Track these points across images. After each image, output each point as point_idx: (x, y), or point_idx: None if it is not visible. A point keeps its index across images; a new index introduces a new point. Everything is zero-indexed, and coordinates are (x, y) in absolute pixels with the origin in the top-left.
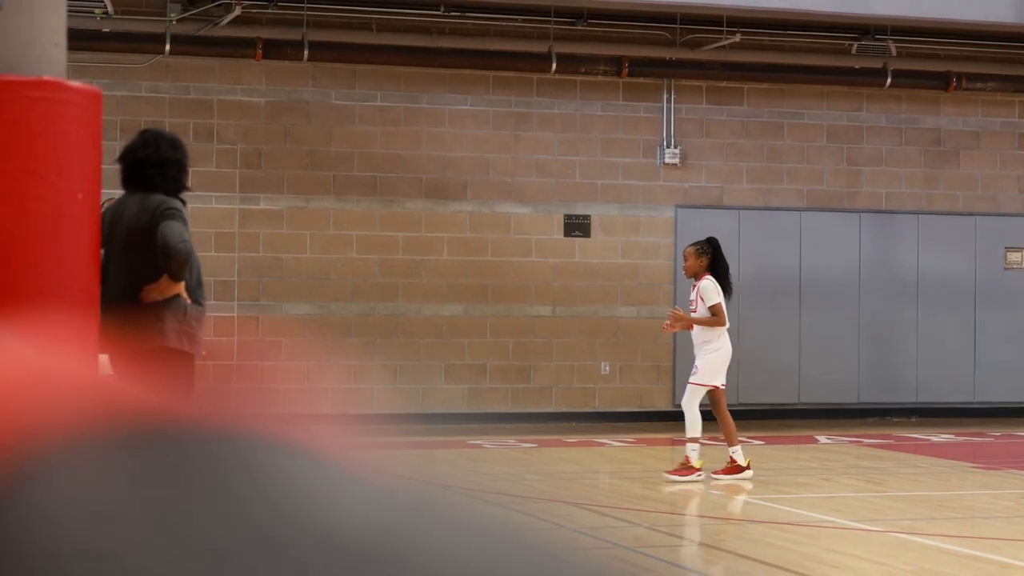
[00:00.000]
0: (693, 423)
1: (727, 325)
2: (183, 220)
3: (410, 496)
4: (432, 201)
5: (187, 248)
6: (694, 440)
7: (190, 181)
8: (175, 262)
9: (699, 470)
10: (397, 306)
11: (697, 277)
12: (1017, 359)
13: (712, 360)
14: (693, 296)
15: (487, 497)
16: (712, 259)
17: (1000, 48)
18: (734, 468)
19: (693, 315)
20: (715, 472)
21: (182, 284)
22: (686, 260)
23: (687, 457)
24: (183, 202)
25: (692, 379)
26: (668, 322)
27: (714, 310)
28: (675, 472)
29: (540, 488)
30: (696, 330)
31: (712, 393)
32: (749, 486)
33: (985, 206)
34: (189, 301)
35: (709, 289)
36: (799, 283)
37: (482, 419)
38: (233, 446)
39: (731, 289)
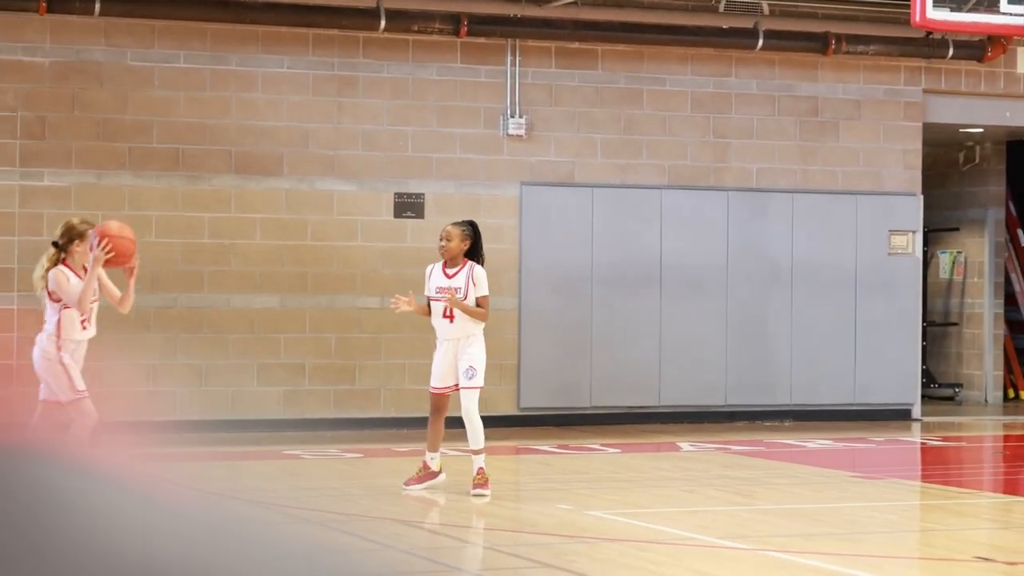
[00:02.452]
0: (479, 432)
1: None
2: None
3: (207, 518)
4: (243, 177)
5: None
6: (482, 451)
7: None
8: None
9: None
10: (203, 297)
11: (455, 261)
12: (902, 355)
13: (482, 359)
14: (455, 284)
15: (305, 515)
16: (473, 245)
17: (883, 7)
18: (430, 475)
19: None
20: (407, 482)
21: None
22: (450, 240)
23: (481, 468)
24: None
25: (471, 383)
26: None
27: (486, 302)
28: (479, 486)
29: (366, 504)
30: (460, 322)
31: (445, 396)
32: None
33: (867, 184)
34: None
35: (483, 277)
36: (660, 270)
37: (300, 426)
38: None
39: None
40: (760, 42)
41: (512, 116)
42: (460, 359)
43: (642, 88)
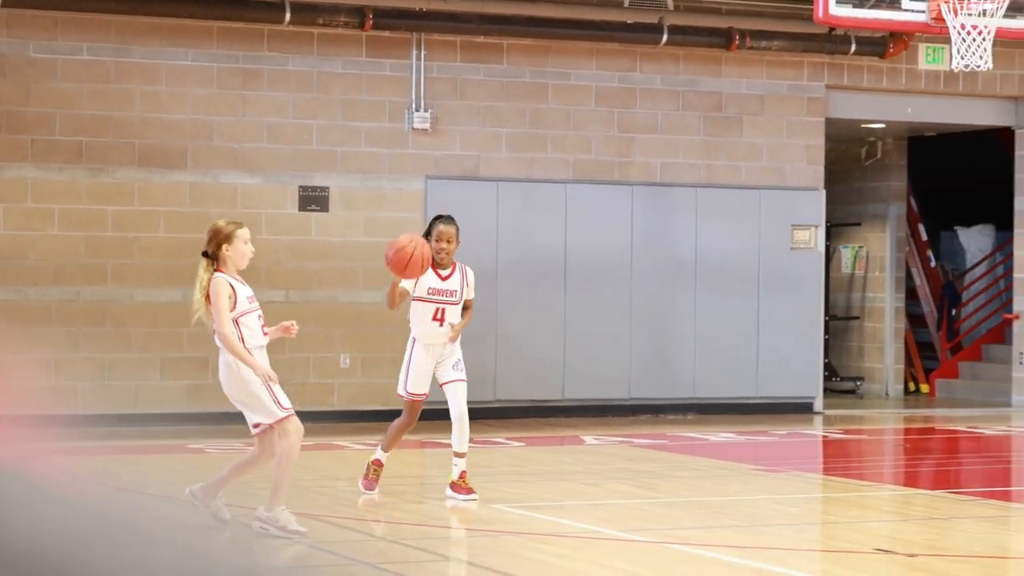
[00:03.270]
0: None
1: None
2: None
3: (106, 512)
4: (147, 170)
5: None
6: (465, 454)
7: None
8: None
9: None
10: (106, 291)
11: (446, 262)
12: (803, 349)
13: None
14: (451, 286)
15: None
16: None
17: (786, 3)
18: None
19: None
20: (366, 486)
21: None
22: (450, 242)
23: (464, 472)
24: None
25: (462, 375)
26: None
27: (472, 304)
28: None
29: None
30: (448, 327)
31: (421, 403)
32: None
33: (770, 179)
34: None
35: (474, 278)
36: (564, 264)
37: (204, 420)
38: None
39: None
40: (664, 37)
41: (417, 110)
42: (447, 358)
43: (547, 82)
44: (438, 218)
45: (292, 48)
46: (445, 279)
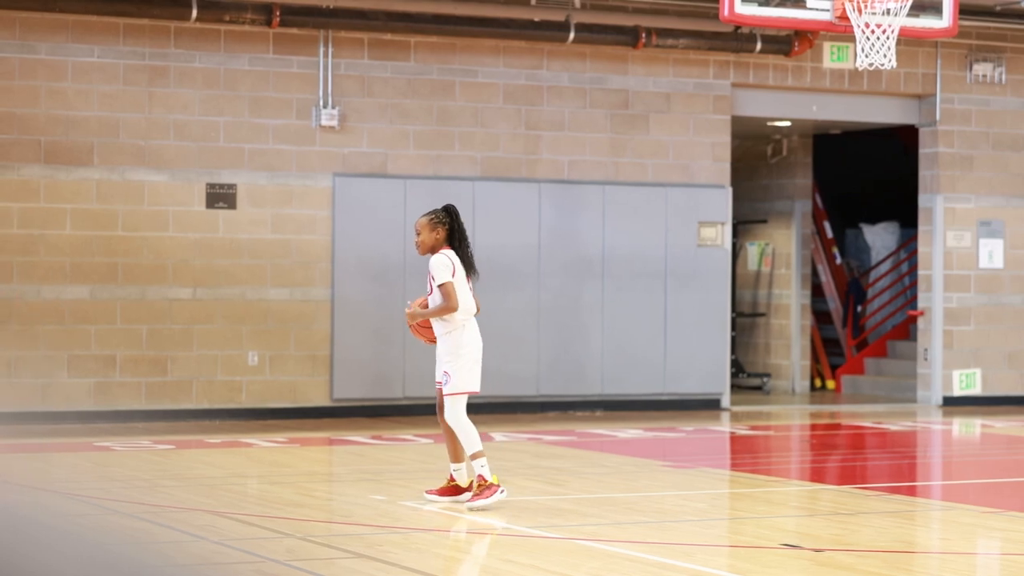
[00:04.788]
0: (470, 437)
1: (458, 309)
2: None
3: (10, 509)
4: (52, 167)
5: None
6: (478, 455)
7: None
8: None
9: (498, 485)
10: (12, 288)
11: (433, 253)
12: (710, 346)
13: (461, 362)
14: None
15: (116, 507)
16: (451, 232)
17: (692, 1)
18: (453, 489)
19: (429, 300)
20: (428, 491)
21: None
22: (418, 234)
23: (480, 476)
24: None
25: (446, 390)
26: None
27: (443, 291)
28: (476, 496)
29: (179, 496)
30: (433, 322)
31: (438, 392)
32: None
33: (677, 176)
34: None
35: (438, 264)
36: None
37: (112, 417)
38: None
39: (473, 268)
40: (571, 35)
41: (325, 107)
42: (438, 359)
43: (455, 80)
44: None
45: (199, 45)
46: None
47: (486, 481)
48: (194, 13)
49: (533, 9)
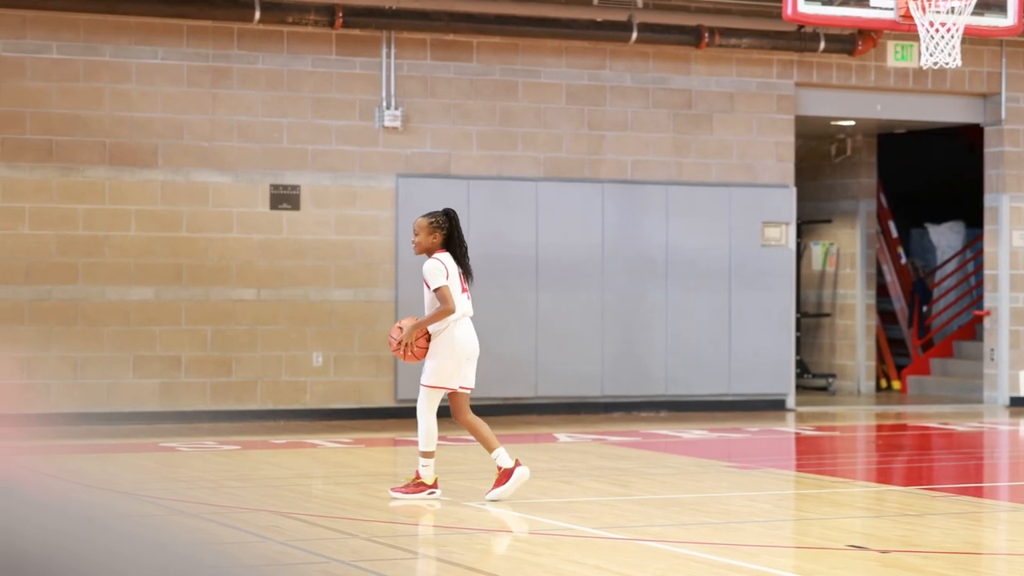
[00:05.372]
0: (429, 434)
1: (456, 311)
2: None
3: (78, 510)
4: (117, 168)
5: None
6: (428, 455)
7: None
8: None
9: (431, 487)
10: (77, 289)
11: (429, 255)
12: (775, 346)
13: (442, 358)
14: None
15: (181, 508)
16: (448, 234)
17: (755, 1)
18: (505, 474)
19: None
20: (489, 490)
21: None
22: (416, 234)
23: (417, 472)
24: None
25: (422, 379)
26: (398, 344)
27: (439, 295)
28: (401, 489)
29: (244, 496)
30: (430, 309)
31: (449, 397)
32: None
33: (741, 176)
34: None
35: (432, 269)
36: (536, 262)
37: (177, 418)
38: None
39: (470, 272)
40: (634, 35)
41: (388, 108)
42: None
43: (517, 80)
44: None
45: (262, 46)
46: None
47: (420, 478)
48: (257, 14)
49: (596, 9)
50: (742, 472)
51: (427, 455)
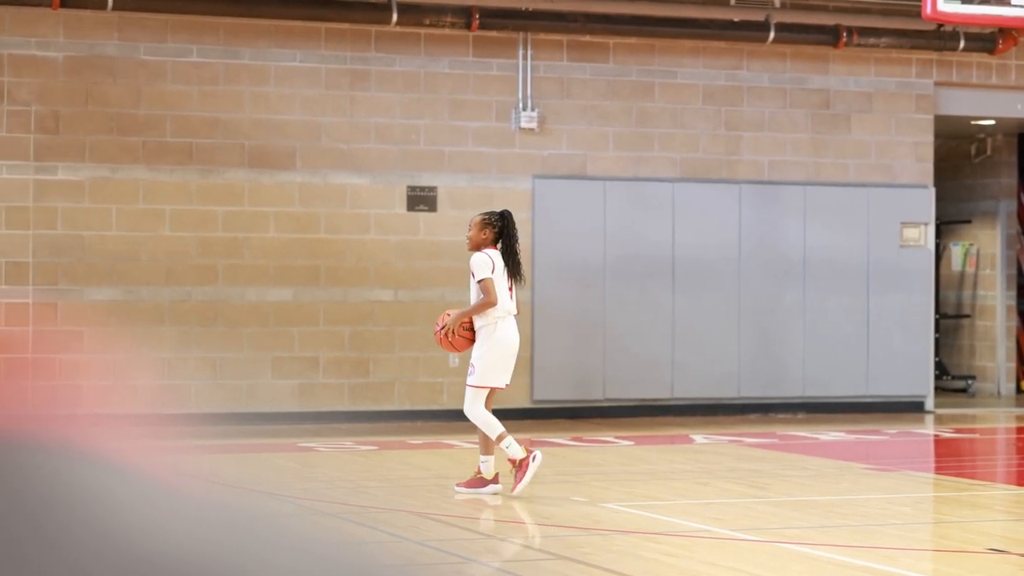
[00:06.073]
0: (490, 425)
1: (497, 304)
2: None
3: (227, 509)
4: (256, 171)
5: None
6: (502, 436)
7: None
8: None
9: (493, 481)
10: (217, 290)
11: (479, 251)
12: (914, 348)
13: (489, 356)
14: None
15: (319, 507)
16: (499, 234)
17: None
18: (478, 481)
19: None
20: (458, 484)
21: None
22: (469, 229)
23: (510, 459)
24: None
25: (469, 380)
26: (441, 328)
27: (483, 287)
28: (518, 481)
29: (381, 496)
30: (474, 317)
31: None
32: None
33: (879, 176)
34: None
35: (477, 262)
36: (672, 263)
37: (315, 419)
38: (18, 451)
39: (520, 274)
40: (771, 35)
41: (524, 109)
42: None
43: (654, 81)
44: None
45: (399, 48)
46: None
47: (516, 461)
48: (394, 17)
49: (733, 9)
50: (880, 474)
51: (502, 437)
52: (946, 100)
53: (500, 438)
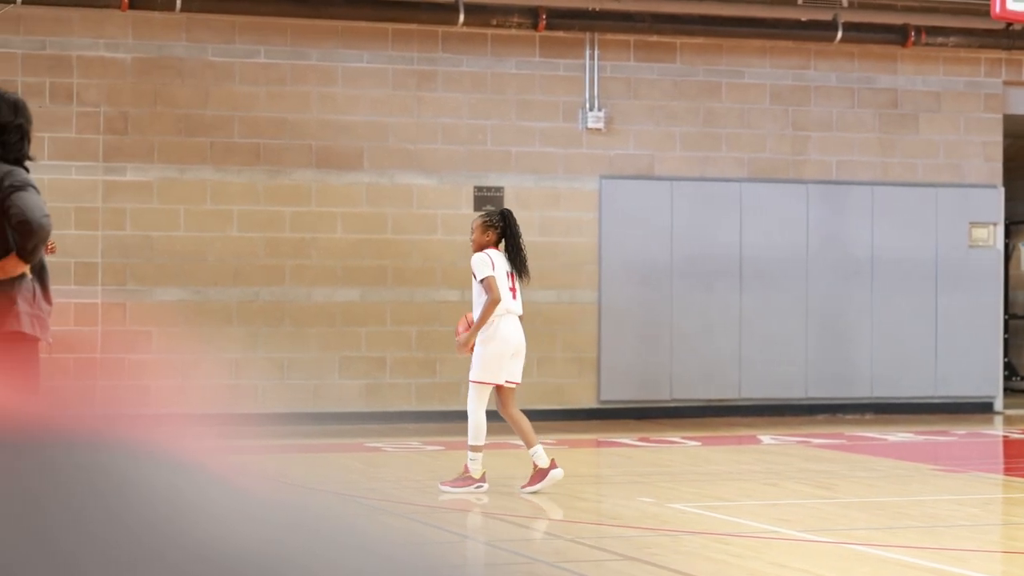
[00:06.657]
0: (477, 429)
1: (500, 300)
2: (37, 191)
3: (294, 509)
4: (323, 171)
5: (50, 224)
6: (476, 448)
7: (33, 149)
8: (36, 239)
9: (479, 481)
10: (284, 291)
11: (475, 251)
12: (982, 348)
13: (488, 351)
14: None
15: (388, 507)
16: (502, 235)
17: None
18: (539, 473)
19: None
20: (523, 486)
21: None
22: (472, 232)
23: (466, 466)
24: (27, 172)
25: (470, 375)
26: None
27: (485, 285)
28: (451, 482)
29: (448, 497)
30: (477, 312)
31: (496, 391)
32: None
33: (947, 176)
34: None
35: (477, 262)
36: (739, 263)
37: (382, 419)
38: (84, 450)
39: (526, 273)
40: (839, 34)
41: (591, 109)
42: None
43: (721, 81)
44: None
45: (466, 49)
46: None
47: (468, 472)
48: (461, 18)
49: (800, 9)
50: (949, 475)
51: (476, 449)
52: (1015, 99)
53: (475, 448)
